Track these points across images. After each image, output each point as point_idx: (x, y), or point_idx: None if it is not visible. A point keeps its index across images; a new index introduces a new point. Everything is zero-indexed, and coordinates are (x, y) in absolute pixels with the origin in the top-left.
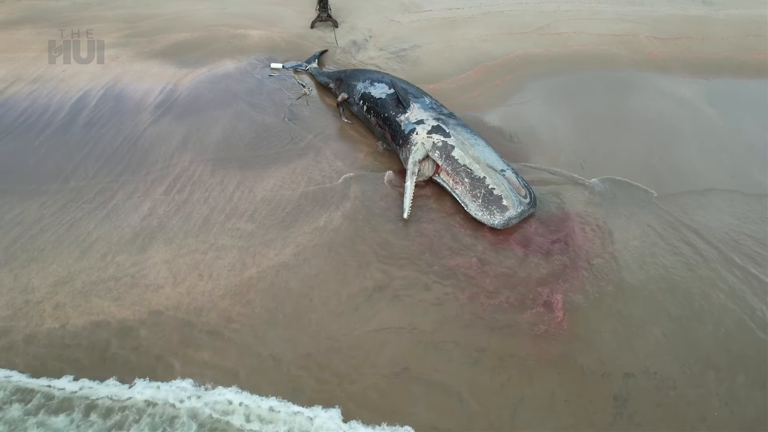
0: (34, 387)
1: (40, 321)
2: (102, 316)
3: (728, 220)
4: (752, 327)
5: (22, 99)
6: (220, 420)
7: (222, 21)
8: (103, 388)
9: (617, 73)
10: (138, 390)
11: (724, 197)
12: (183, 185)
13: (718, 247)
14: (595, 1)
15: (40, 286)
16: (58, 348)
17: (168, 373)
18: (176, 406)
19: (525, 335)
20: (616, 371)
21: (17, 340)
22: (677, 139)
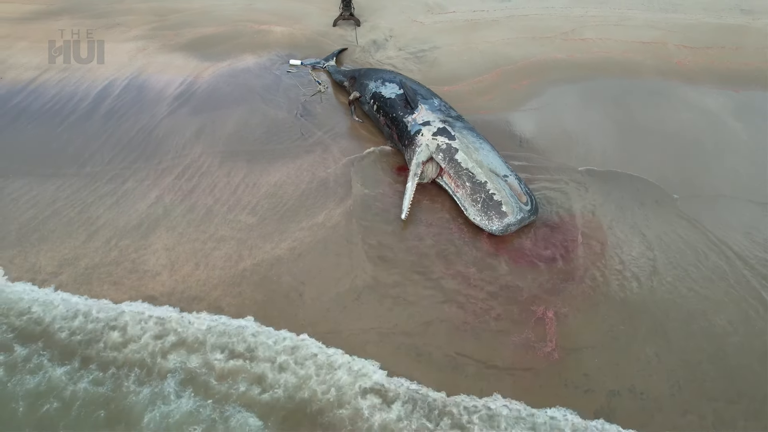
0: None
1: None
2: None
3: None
4: (757, 354)
5: (51, 86)
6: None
7: (248, 17)
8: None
9: (640, 82)
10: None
11: (736, 208)
12: (191, 175)
13: (733, 264)
14: (626, 7)
15: (46, 266)
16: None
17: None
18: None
19: (510, 351)
20: (600, 388)
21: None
22: (696, 151)
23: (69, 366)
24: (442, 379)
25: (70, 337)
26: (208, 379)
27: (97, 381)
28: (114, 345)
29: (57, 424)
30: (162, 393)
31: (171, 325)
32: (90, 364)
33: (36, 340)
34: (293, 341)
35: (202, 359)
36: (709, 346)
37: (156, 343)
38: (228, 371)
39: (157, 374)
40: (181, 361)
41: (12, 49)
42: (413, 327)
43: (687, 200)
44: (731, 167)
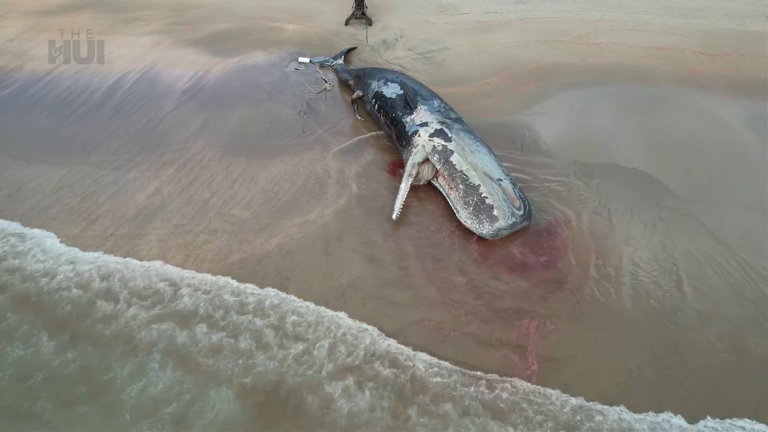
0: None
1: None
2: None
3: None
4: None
5: (67, 77)
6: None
7: (262, 13)
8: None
9: (651, 89)
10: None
11: (736, 216)
12: (191, 168)
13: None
14: (645, 11)
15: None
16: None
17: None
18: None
19: (490, 359)
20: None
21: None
22: (703, 161)
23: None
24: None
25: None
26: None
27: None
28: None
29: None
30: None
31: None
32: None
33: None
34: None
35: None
36: (696, 362)
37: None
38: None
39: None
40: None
41: (35, 41)
42: (393, 330)
43: (687, 210)
44: (737, 178)
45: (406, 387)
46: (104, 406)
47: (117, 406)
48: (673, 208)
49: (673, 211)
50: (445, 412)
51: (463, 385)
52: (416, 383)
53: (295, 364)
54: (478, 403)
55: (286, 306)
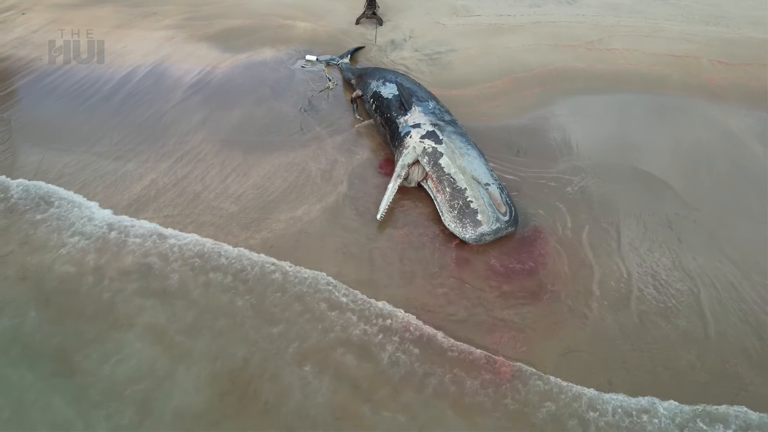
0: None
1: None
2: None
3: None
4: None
5: (82, 68)
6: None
7: (275, 11)
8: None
9: (660, 97)
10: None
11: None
12: (188, 161)
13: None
14: (664, 18)
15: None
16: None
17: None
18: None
19: (462, 365)
20: (541, 410)
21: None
22: (707, 173)
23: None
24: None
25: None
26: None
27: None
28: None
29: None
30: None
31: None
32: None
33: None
34: None
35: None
36: (671, 383)
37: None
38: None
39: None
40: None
41: (56, 33)
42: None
43: (680, 223)
44: (738, 191)
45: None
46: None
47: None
48: (665, 221)
49: (667, 223)
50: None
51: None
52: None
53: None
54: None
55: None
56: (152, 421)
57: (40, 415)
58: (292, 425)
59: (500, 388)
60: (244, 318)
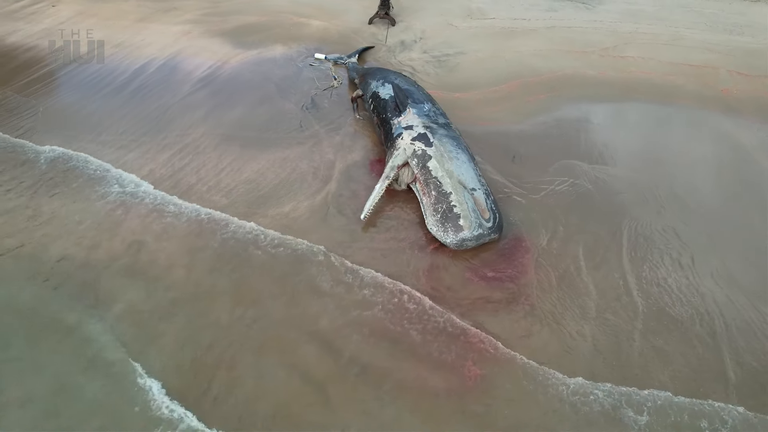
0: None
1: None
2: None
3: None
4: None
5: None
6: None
7: (291, 8)
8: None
9: (670, 108)
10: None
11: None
12: (186, 154)
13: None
14: (685, 25)
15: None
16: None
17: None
18: None
19: (424, 370)
20: (499, 422)
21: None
22: (709, 187)
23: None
24: (336, 383)
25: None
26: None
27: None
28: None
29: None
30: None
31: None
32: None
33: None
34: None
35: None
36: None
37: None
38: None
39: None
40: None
41: (81, 25)
42: (329, 328)
43: (677, 238)
44: (740, 207)
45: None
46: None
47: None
48: (660, 235)
49: (662, 238)
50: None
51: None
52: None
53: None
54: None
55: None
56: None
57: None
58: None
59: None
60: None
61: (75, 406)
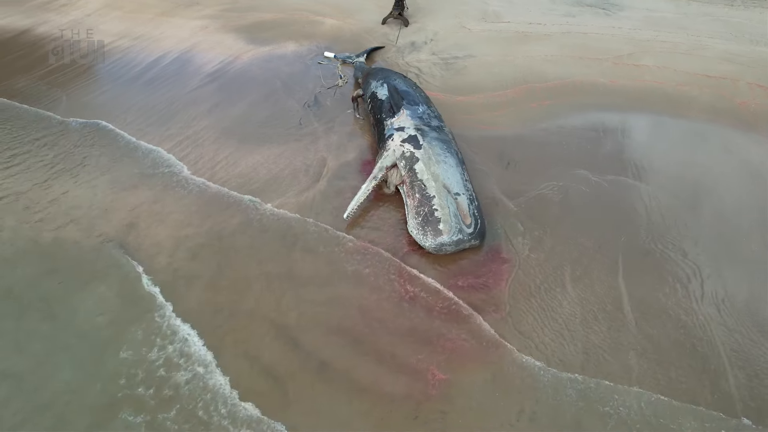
0: None
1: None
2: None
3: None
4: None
5: (118, 52)
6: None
7: (307, 6)
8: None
9: (680, 120)
10: None
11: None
12: (186, 146)
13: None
14: (708, 35)
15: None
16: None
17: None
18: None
19: (388, 375)
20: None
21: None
22: (712, 204)
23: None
24: (298, 377)
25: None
26: None
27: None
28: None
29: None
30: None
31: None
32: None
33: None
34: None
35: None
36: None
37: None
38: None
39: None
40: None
41: (105, 17)
42: (299, 321)
43: (669, 254)
44: (742, 226)
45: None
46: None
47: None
48: (651, 253)
49: (655, 257)
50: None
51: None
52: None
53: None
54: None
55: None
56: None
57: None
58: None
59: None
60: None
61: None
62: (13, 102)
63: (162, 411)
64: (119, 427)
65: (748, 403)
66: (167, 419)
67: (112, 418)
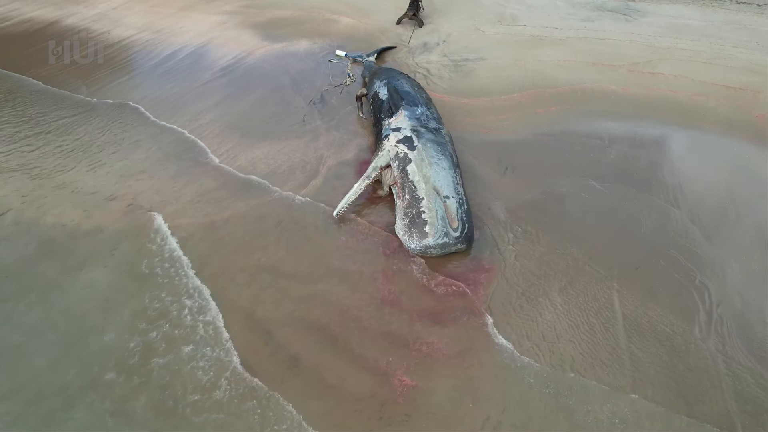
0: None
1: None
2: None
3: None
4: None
5: (137, 44)
6: None
7: (325, 5)
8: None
9: (691, 131)
10: None
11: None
12: (189, 138)
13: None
14: (733, 43)
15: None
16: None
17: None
18: None
19: (357, 374)
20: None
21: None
22: (715, 220)
23: None
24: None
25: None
26: None
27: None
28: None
29: None
30: None
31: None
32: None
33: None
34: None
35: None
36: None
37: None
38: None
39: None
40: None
41: (131, 10)
42: (277, 317)
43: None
44: (746, 245)
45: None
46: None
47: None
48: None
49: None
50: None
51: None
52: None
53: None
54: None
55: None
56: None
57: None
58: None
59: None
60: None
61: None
62: (47, 86)
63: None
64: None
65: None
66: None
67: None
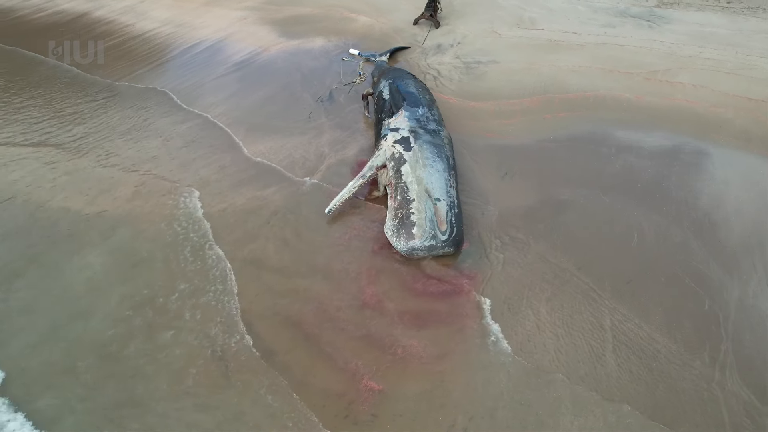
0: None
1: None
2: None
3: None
4: None
5: (159, 37)
6: None
7: (344, 3)
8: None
9: (705, 144)
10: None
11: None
12: (197, 130)
13: None
14: (760, 54)
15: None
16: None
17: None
18: None
19: (332, 371)
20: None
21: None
22: (718, 236)
23: None
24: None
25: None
26: None
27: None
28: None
29: None
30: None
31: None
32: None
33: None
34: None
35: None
36: None
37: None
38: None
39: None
40: None
41: (156, 4)
42: (260, 309)
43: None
44: (748, 263)
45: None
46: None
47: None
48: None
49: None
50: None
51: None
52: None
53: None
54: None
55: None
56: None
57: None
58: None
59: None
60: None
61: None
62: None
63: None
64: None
65: None
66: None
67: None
